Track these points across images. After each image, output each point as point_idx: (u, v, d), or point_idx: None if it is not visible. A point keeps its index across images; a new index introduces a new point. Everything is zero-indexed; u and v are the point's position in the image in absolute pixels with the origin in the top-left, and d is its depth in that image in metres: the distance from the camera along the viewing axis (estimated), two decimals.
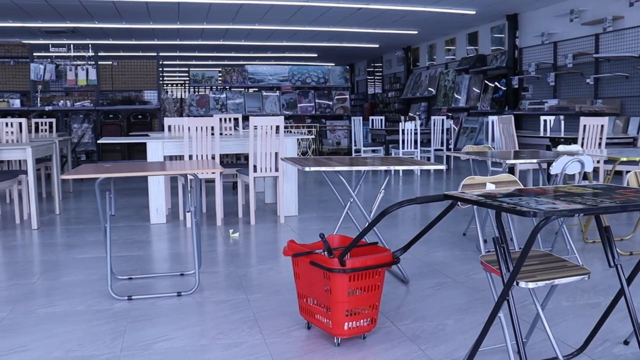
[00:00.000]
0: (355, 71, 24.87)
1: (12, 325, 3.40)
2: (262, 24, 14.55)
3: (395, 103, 19.86)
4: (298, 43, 17.92)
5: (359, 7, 12.37)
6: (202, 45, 18.22)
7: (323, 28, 15.10)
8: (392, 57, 20.61)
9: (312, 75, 15.94)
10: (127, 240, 5.53)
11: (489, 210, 4.44)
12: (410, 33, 16.11)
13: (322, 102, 15.80)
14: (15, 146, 6.19)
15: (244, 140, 6.51)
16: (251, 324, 3.34)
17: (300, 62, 22.65)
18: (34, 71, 11.94)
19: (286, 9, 12.56)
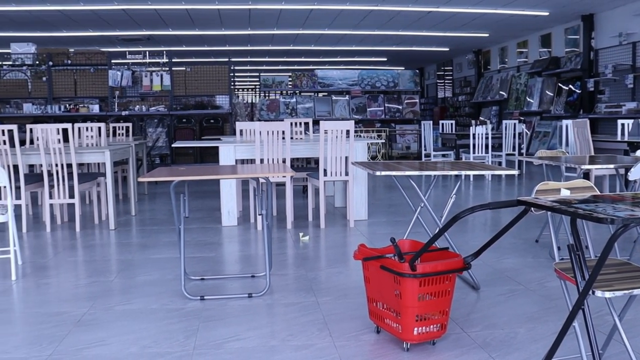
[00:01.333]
0: (425, 75, 24.67)
1: (92, 320, 3.54)
2: (331, 29, 14.61)
3: (465, 107, 19.60)
4: (367, 47, 17.91)
5: (429, 11, 12.28)
6: (273, 51, 18.45)
7: (392, 32, 15.05)
8: (463, 60, 20.35)
9: (381, 79, 15.91)
10: (200, 242, 5.66)
11: (564, 217, 4.34)
12: (481, 36, 15.87)
13: (391, 106, 15.74)
14: (95, 150, 6.43)
15: (314, 145, 6.56)
16: (321, 326, 3.37)
17: (369, 66, 22.63)
18: (112, 78, 12.36)
19: (356, 13, 12.59)
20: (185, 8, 11.81)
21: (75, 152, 6.29)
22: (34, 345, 3.17)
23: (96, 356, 3.02)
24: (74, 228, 6.48)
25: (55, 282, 4.41)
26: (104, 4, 11.25)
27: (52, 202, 6.44)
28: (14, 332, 3.40)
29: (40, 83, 12.84)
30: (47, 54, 12.75)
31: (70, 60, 12.81)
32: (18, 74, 13.10)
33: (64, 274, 4.64)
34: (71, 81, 12.80)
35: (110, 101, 12.48)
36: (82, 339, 3.25)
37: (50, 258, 5.19)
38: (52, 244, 5.77)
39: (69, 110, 12.39)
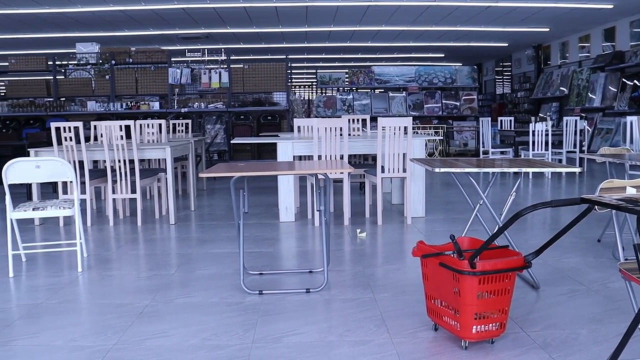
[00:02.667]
0: (483, 71, 24.31)
1: (154, 312, 3.63)
2: (389, 25, 14.55)
3: (524, 103, 19.23)
4: (425, 43, 17.76)
5: (488, 6, 12.09)
6: (329, 47, 18.48)
7: (450, 28, 14.89)
8: (522, 55, 19.97)
9: (438, 75, 15.76)
10: (258, 237, 5.73)
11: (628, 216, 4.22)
12: (541, 30, 15.54)
13: (449, 102, 15.58)
14: (156, 146, 6.58)
15: (372, 141, 6.55)
16: (378, 322, 3.37)
17: (426, 62, 22.44)
18: (172, 75, 12.60)
19: (413, 9, 12.50)
20: (243, 6, 11.94)
21: (137, 148, 6.44)
22: (100, 335, 3.27)
23: (158, 347, 3.10)
24: (136, 222, 6.65)
25: (118, 275, 4.54)
26: (164, 3, 11.48)
27: (115, 197, 6.61)
28: (80, 321, 3.52)
29: (103, 81, 13.20)
30: (110, 53, 13.10)
31: (131, 58, 13.13)
32: (83, 72, 13.49)
33: (126, 267, 4.76)
34: (132, 79, 13.12)
35: (170, 98, 12.74)
36: (144, 330, 3.34)
37: (113, 251, 5.33)
38: (114, 238, 5.94)
39: (131, 108, 12.71)
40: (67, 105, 13.19)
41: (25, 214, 4.63)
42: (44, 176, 4.58)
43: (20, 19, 12.59)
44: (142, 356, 2.98)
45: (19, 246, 5.01)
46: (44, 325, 3.46)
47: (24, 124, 13.24)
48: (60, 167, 4.54)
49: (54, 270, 4.70)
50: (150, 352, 3.03)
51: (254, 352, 3.00)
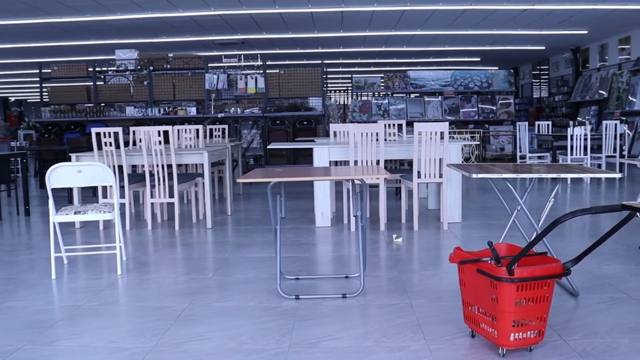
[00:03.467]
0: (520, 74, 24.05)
1: (191, 316, 3.68)
2: (424, 30, 14.50)
3: (562, 107, 18.96)
4: (460, 47, 17.65)
5: (524, 9, 11.97)
6: (365, 52, 18.48)
7: (486, 31, 14.77)
8: (560, 59, 19.71)
9: (474, 79, 15.65)
10: (294, 242, 5.76)
11: None
12: (580, 33, 15.32)
13: (485, 106, 15.45)
14: (194, 151, 6.66)
15: (408, 146, 6.54)
16: (414, 329, 3.37)
17: (462, 66, 22.29)
18: (209, 81, 12.74)
19: (449, 13, 12.44)
20: (279, 12, 12.02)
21: (175, 153, 6.53)
22: (139, 337, 3.33)
23: (196, 350, 3.13)
24: (173, 226, 6.74)
25: (156, 278, 4.60)
26: (201, 10, 11.62)
27: (153, 201, 6.71)
28: (120, 323, 3.58)
29: (141, 87, 13.40)
30: (148, 59, 13.30)
31: (169, 64, 13.32)
32: (121, 78, 13.72)
33: (164, 270, 4.83)
34: (170, 85, 13.29)
35: (206, 104, 12.88)
36: (182, 333, 3.38)
37: (151, 255, 5.41)
38: (152, 241, 6.02)
39: (168, 113, 12.88)
40: (106, 111, 13.42)
41: (67, 217, 4.73)
42: (85, 180, 4.67)
43: (63, 27, 12.86)
44: (180, 359, 3.02)
45: (61, 249, 5.11)
46: (85, 327, 3.53)
47: (65, 129, 13.52)
48: (101, 171, 4.63)
49: (94, 273, 4.78)
50: (188, 355, 3.07)
51: (291, 357, 3.02)
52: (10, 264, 5.16)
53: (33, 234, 6.59)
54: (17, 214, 8.04)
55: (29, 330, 3.51)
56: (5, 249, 5.81)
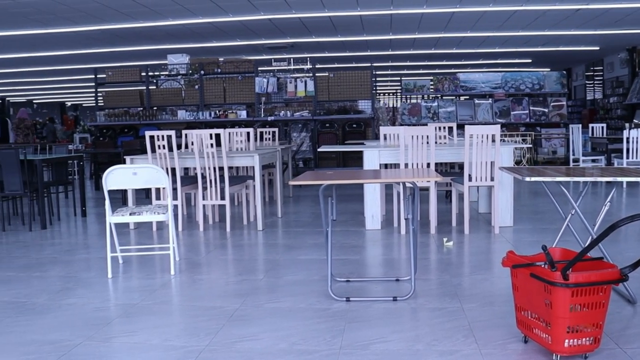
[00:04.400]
0: (573, 76, 23.57)
1: (243, 316, 3.73)
2: (474, 31, 14.35)
3: (617, 109, 18.51)
4: (511, 49, 17.40)
5: (578, 8, 11.73)
6: (414, 55, 18.39)
7: (538, 32, 14.53)
8: (615, 59, 19.24)
9: (526, 81, 15.41)
10: (344, 245, 5.77)
11: None
12: (636, 32, 14.93)
13: (536, 109, 15.20)
14: (245, 154, 6.74)
15: (458, 149, 6.49)
16: (466, 333, 3.34)
17: (513, 68, 21.97)
18: (259, 84, 12.86)
19: (499, 14, 12.29)
20: (328, 15, 12.06)
21: (227, 156, 6.62)
22: (192, 336, 3.39)
23: (248, 350, 3.18)
24: (225, 228, 6.83)
25: (208, 279, 4.68)
26: (251, 14, 11.74)
27: (205, 203, 6.82)
28: (174, 322, 3.66)
29: (192, 91, 13.62)
30: (199, 64, 13.50)
31: (219, 68, 13.49)
32: (173, 83, 13.97)
33: (215, 271, 4.91)
34: (220, 89, 13.47)
35: (256, 107, 13.00)
36: (235, 333, 3.43)
37: (203, 256, 5.50)
38: (204, 243, 6.12)
39: (219, 116, 13.05)
40: (158, 114, 13.68)
41: (122, 218, 4.84)
42: (140, 182, 4.78)
43: (117, 33, 13.17)
44: (233, 358, 3.07)
45: (117, 249, 5.24)
46: (141, 325, 3.62)
47: (119, 132, 13.83)
48: (155, 174, 4.73)
49: (148, 273, 4.89)
50: (241, 355, 3.11)
51: (342, 358, 3.04)
52: (68, 263, 5.32)
53: (89, 234, 6.77)
54: (74, 215, 8.27)
55: (88, 326, 3.61)
56: (64, 249, 5.98)
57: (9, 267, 5.27)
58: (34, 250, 5.95)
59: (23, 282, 4.71)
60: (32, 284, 4.66)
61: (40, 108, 34.67)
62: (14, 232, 7.01)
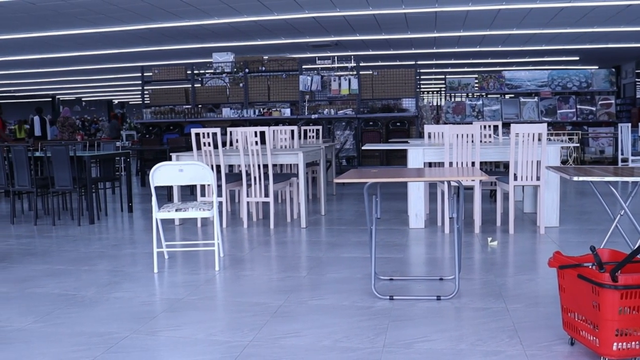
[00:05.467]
0: (622, 73, 23.04)
1: (287, 313, 3.76)
2: (520, 29, 14.16)
3: None
4: (558, 46, 17.12)
5: (629, 4, 11.47)
6: (458, 53, 18.23)
7: (586, 29, 14.26)
8: None
9: (573, 79, 15.13)
10: (388, 243, 5.76)
11: None
12: None
13: (584, 107, 14.92)
14: (289, 151, 6.78)
15: (504, 148, 6.41)
16: (511, 333, 3.31)
17: (560, 65, 21.59)
18: (302, 82, 12.91)
19: (546, 11, 12.09)
20: (373, 13, 12.04)
21: (271, 153, 6.67)
22: (237, 331, 3.43)
23: (292, 346, 3.20)
24: (268, 225, 6.88)
25: (252, 275, 4.72)
26: (295, 12, 11.80)
27: (249, 200, 6.88)
28: (218, 317, 3.71)
29: (237, 89, 13.74)
30: (244, 62, 13.62)
31: (264, 67, 13.58)
32: (218, 80, 14.12)
33: (259, 268, 4.95)
34: (265, 87, 13.56)
35: (300, 105, 13.05)
36: (278, 329, 3.46)
37: (247, 252, 5.55)
38: (248, 239, 6.18)
39: (263, 114, 13.14)
40: (203, 112, 13.85)
41: (169, 214, 4.92)
42: (186, 179, 4.85)
43: (163, 32, 13.39)
44: (277, 354, 3.10)
45: (162, 244, 5.33)
46: (186, 319, 3.67)
47: (165, 129, 14.05)
48: (201, 170, 4.80)
49: (192, 268, 4.96)
50: (285, 351, 3.14)
51: (385, 357, 3.04)
52: (115, 257, 5.43)
53: (135, 230, 6.90)
54: (121, 210, 8.43)
55: (134, 320, 3.69)
56: (111, 243, 6.11)
57: (59, 260, 5.41)
58: (82, 245, 6.09)
59: (72, 275, 4.83)
60: (81, 277, 4.78)
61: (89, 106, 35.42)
62: (63, 227, 7.19)
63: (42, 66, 19.04)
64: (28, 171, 7.36)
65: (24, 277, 4.84)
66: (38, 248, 6.00)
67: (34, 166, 7.53)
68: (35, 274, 4.93)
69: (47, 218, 7.87)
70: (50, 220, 7.62)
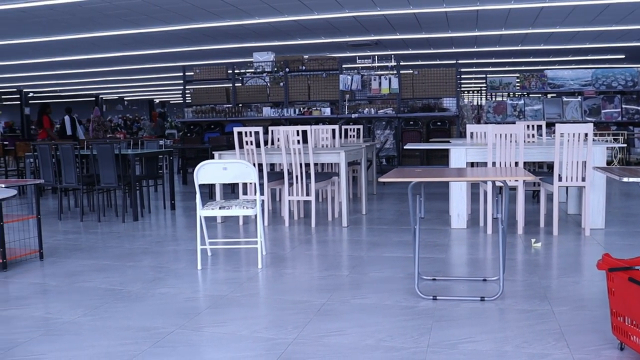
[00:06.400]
0: None
1: (330, 311, 3.77)
2: (563, 27, 13.94)
3: None
4: (603, 44, 16.79)
5: None
6: (499, 51, 18.02)
7: (632, 26, 13.96)
8: None
9: (618, 78, 14.82)
10: (429, 243, 5.73)
11: None
12: None
13: (629, 107, 14.61)
14: (331, 150, 6.79)
15: (548, 148, 6.32)
16: (557, 336, 3.27)
17: (604, 64, 21.19)
18: (343, 82, 12.91)
19: (591, 8, 11.88)
20: (413, 12, 11.98)
21: (313, 152, 6.69)
22: (281, 329, 3.46)
23: (336, 344, 3.21)
24: (309, 224, 6.90)
25: (294, 273, 4.75)
26: (335, 12, 11.81)
27: (291, 199, 6.91)
28: (262, 314, 3.74)
29: (277, 88, 13.81)
30: (284, 61, 13.68)
31: (304, 66, 13.62)
32: (258, 80, 14.21)
33: (301, 266, 4.97)
34: (305, 86, 13.60)
35: (340, 104, 13.06)
36: (322, 327, 3.48)
37: (288, 250, 5.58)
38: (289, 238, 6.21)
39: (303, 113, 13.18)
40: (244, 111, 13.95)
41: (212, 212, 4.98)
42: (229, 177, 4.90)
43: (205, 32, 13.52)
44: (321, 352, 3.11)
45: (206, 241, 5.39)
46: (230, 316, 3.71)
47: (206, 128, 14.19)
48: (245, 169, 4.84)
49: (235, 266, 5.01)
50: (329, 349, 3.15)
51: (430, 357, 3.02)
52: (159, 254, 5.52)
53: (177, 227, 6.99)
54: (163, 208, 8.55)
55: (179, 315, 3.74)
56: (155, 240, 6.20)
57: (104, 255, 5.51)
58: (126, 241, 6.19)
59: (118, 271, 4.92)
60: (126, 272, 4.86)
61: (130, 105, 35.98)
62: (108, 223, 7.32)
63: (87, 66, 19.41)
64: (75, 169, 7.51)
65: (72, 271, 4.95)
66: (84, 244, 6.12)
67: (80, 164, 7.69)
68: (83, 268, 5.04)
69: (93, 214, 8.03)
70: (96, 216, 7.77)
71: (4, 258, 5.06)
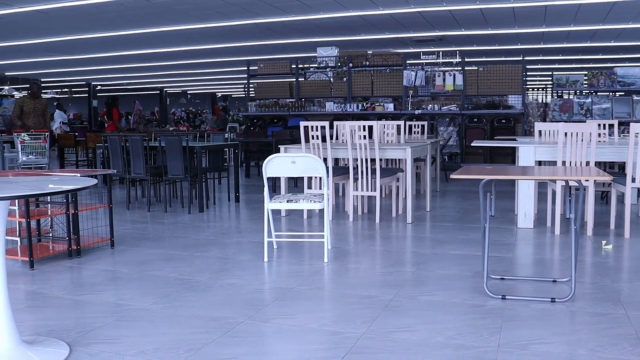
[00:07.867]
0: None
1: (398, 307, 3.77)
2: (636, 23, 13.50)
3: None
4: None
5: None
6: (567, 48, 17.58)
7: None
8: None
9: None
10: (496, 242, 5.66)
11: None
12: None
13: None
14: (397, 146, 6.78)
15: (621, 148, 6.15)
16: (634, 342, 3.18)
17: None
18: (406, 77, 12.83)
19: None
20: (480, 7, 11.80)
21: (379, 148, 6.68)
22: (349, 323, 3.48)
23: (405, 341, 3.21)
24: (374, 219, 6.90)
25: (359, 268, 4.76)
26: (400, 7, 11.73)
27: (355, 194, 6.92)
28: (329, 308, 3.77)
29: (340, 83, 13.82)
30: (348, 57, 13.68)
31: (368, 61, 13.59)
32: (321, 75, 14.25)
33: (366, 261, 4.98)
34: (368, 81, 13.57)
35: (403, 100, 12.99)
36: (390, 323, 3.48)
37: (352, 245, 5.60)
38: (353, 233, 6.22)
39: (366, 109, 13.17)
40: (307, 106, 14.02)
41: (280, 205, 5.03)
42: (298, 171, 4.94)
43: (269, 27, 13.62)
44: (390, 348, 3.12)
45: (272, 234, 5.45)
46: (297, 308, 3.75)
47: (269, 122, 14.33)
48: (313, 163, 4.87)
49: (300, 259, 5.06)
50: (398, 345, 3.15)
51: (501, 357, 2.99)
52: (225, 246, 5.61)
53: (242, 219, 7.10)
54: (227, 200, 8.69)
55: (248, 306, 3.81)
56: (220, 231, 6.31)
57: (171, 245, 5.64)
58: (192, 232, 6.32)
59: (186, 261, 5.02)
60: (194, 262, 4.97)
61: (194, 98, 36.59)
62: (174, 214, 7.48)
63: (152, 60, 19.82)
64: (143, 160, 7.70)
65: (142, 260, 5.09)
66: (152, 233, 6.28)
67: (148, 155, 7.87)
68: (152, 257, 5.17)
69: (159, 205, 8.22)
70: (162, 207, 7.95)
71: (78, 245, 5.24)
